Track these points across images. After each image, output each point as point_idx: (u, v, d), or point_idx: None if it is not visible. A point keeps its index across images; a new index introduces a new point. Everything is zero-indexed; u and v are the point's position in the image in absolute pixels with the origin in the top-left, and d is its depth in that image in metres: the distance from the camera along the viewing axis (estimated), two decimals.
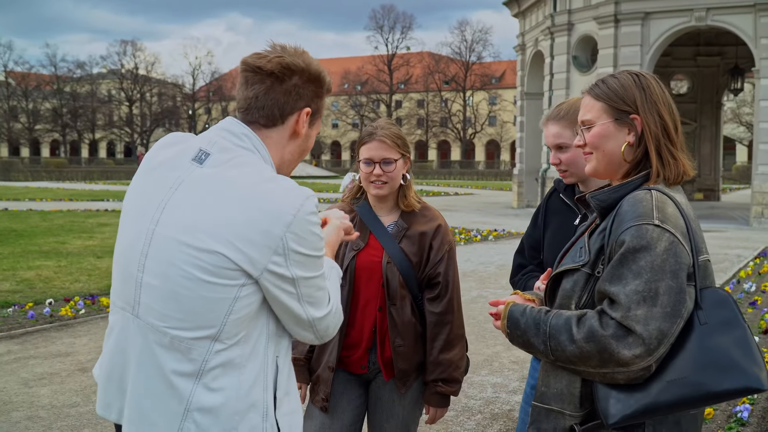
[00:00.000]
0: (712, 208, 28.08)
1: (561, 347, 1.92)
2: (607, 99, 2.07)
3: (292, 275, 1.82)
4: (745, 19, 21.37)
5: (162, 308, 1.81)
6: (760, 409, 5.44)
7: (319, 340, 1.98)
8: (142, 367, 1.85)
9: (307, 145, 2.06)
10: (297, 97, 1.95)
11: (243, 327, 1.81)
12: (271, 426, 1.86)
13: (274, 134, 1.96)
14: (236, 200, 1.79)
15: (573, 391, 1.96)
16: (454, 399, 5.64)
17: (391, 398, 3.03)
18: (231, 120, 1.95)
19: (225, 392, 1.80)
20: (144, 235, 1.85)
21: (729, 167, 66.23)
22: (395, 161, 2.96)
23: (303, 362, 3.06)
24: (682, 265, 1.87)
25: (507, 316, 2.08)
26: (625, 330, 1.83)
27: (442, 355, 2.99)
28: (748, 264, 13.11)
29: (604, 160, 2.09)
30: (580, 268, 2.00)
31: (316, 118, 2.04)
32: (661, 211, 1.90)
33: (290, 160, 2.03)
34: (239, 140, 1.91)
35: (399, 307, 2.96)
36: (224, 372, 1.80)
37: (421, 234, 3.00)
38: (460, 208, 27.42)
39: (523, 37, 30.09)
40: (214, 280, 1.77)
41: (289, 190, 1.84)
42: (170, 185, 1.87)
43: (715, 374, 1.83)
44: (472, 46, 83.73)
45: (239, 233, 1.76)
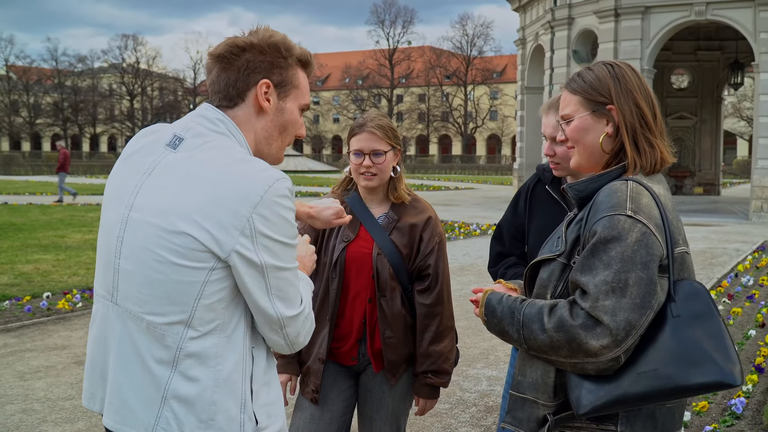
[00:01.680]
0: (712, 202, 28.07)
1: (533, 336, 1.92)
2: (582, 92, 2.08)
3: (260, 261, 1.77)
4: (745, 14, 21.33)
5: (137, 293, 1.81)
6: (755, 402, 5.44)
7: (289, 348, 1.92)
8: (122, 354, 1.85)
9: (284, 119, 1.98)
10: (249, 72, 1.91)
11: (217, 315, 1.79)
12: (249, 417, 1.84)
13: (239, 113, 1.93)
14: (205, 181, 1.78)
15: (547, 381, 1.96)
16: (449, 391, 5.69)
17: (381, 390, 3.03)
18: (206, 105, 1.95)
19: (201, 382, 1.78)
20: (120, 220, 1.86)
21: (729, 162, 66.21)
22: (385, 153, 2.95)
23: (293, 354, 3.05)
24: (653, 257, 1.86)
25: (484, 304, 2.09)
26: (594, 320, 1.83)
27: (432, 346, 2.98)
28: (746, 258, 13.10)
29: (585, 153, 2.09)
30: (556, 257, 2.01)
31: (288, 89, 1.97)
32: (634, 202, 1.89)
33: (266, 137, 1.97)
34: (213, 125, 1.90)
35: (389, 299, 2.95)
36: (200, 362, 1.79)
37: (412, 226, 3.00)
38: (460, 203, 27.41)
39: (524, 31, 30.04)
40: (184, 263, 1.75)
41: (259, 171, 1.81)
42: (144, 170, 1.87)
43: (686, 367, 1.82)
44: (473, 41, 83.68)
45: (206, 213, 1.75)
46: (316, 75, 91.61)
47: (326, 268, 2.99)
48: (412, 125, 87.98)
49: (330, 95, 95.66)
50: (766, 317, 8.12)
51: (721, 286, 10.17)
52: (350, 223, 2.99)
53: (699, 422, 5.03)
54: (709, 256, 13.57)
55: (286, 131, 2.01)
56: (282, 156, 2.05)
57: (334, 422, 3.01)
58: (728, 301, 9.13)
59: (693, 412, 5.18)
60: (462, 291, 9.73)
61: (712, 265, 12.46)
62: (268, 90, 1.93)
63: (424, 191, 35.42)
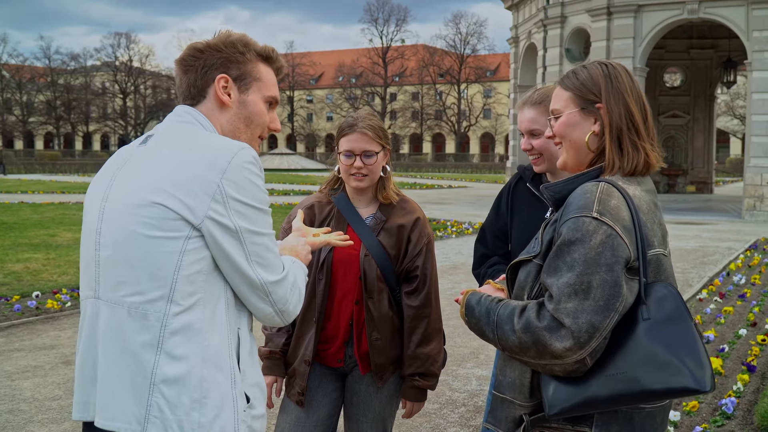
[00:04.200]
0: (705, 200, 28.13)
1: (505, 337, 1.92)
2: (574, 89, 2.08)
3: (235, 226, 1.79)
4: (738, 12, 21.37)
5: (117, 277, 1.82)
6: (746, 402, 5.43)
7: (280, 317, 1.93)
8: (108, 347, 1.83)
9: (248, 111, 2.03)
10: (206, 70, 1.98)
11: (198, 288, 1.79)
12: (240, 394, 1.84)
13: (203, 109, 1.99)
14: (173, 157, 1.83)
15: (524, 381, 1.97)
16: (438, 391, 5.67)
17: (368, 392, 3.00)
18: (178, 106, 2.03)
19: (189, 359, 1.77)
20: (97, 214, 1.90)
21: (722, 160, 66.36)
22: (376, 153, 2.92)
23: (279, 355, 3.02)
24: (618, 259, 1.83)
25: (464, 304, 2.10)
26: (558, 323, 1.82)
27: (419, 349, 2.96)
28: (738, 257, 13.11)
29: (571, 150, 2.09)
30: (533, 259, 2.00)
31: (248, 82, 2.02)
32: (602, 203, 1.87)
33: (233, 131, 2.01)
34: (180, 117, 1.98)
35: (376, 301, 2.92)
36: (187, 338, 1.78)
37: (400, 227, 2.97)
38: (453, 201, 27.41)
39: (517, 29, 30.04)
40: (158, 234, 1.77)
41: (225, 141, 1.87)
42: (117, 166, 1.94)
43: (655, 372, 1.79)
44: (466, 39, 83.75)
45: (176, 182, 1.78)
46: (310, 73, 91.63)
47: (313, 269, 2.95)
48: (405, 123, 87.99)
49: (323, 93, 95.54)
50: (757, 316, 8.12)
51: (713, 285, 10.18)
52: (338, 224, 2.96)
53: (689, 422, 5.02)
54: (701, 254, 13.59)
55: (252, 123, 2.05)
56: (256, 149, 2.06)
57: (320, 425, 2.98)
58: (720, 299, 9.13)
59: (683, 411, 5.17)
60: (453, 290, 9.71)
61: (704, 263, 12.47)
62: (227, 84, 1.99)
63: (417, 189, 35.43)
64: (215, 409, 1.78)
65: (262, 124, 2.07)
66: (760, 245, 14.90)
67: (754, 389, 5.71)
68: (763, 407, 5.08)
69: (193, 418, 1.76)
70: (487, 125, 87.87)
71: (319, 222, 3.00)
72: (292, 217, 3.05)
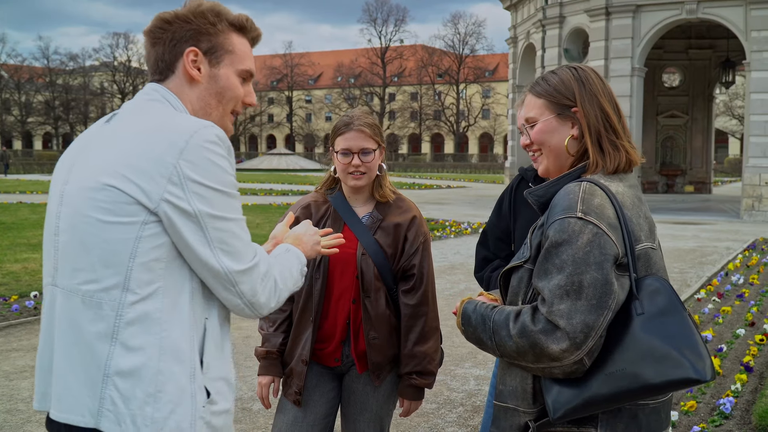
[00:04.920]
0: (704, 200, 28.12)
1: (503, 342, 1.92)
2: (547, 95, 2.08)
3: (193, 210, 1.69)
4: (736, 12, 21.37)
5: (73, 264, 1.75)
6: (744, 401, 5.42)
7: (250, 309, 1.82)
8: (63, 337, 1.77)
9: (219, 86, 1.92)
10: (174, 42, 1.88)
11: (156, 276, 1.71)
12: (199, 388, 1.75)
13: (171, 85, 1.89)
14: (130, 138, 1.75)
15: (526, 388, 1.95)
16: (436, 391, 5.66)
17: (365, 391, 3.00)
18: (147, 84, 1.94)
19: (145, 351, 1.69)
20: (58, 198, 1.83)
21: (721, 160, 66.39)
22: (373, 151, 2.92)
23: (276, 355, 3.02)
24: (607, 256, 1.84)
25: (461, 313, 2.09)
26: (552, 325, 1.82)
27: (416, 347, 2.95)
28: (736, 257, 13.11)
29: (551, 156, 2.09)
30: (523, 264, 2.00)
31: (220, 55, 1.91)
32: (585, 203, 1.88)
33: (204, 107, 1.91)
34: (147, 95, 1.88)
35: (373, 300, 2.92)
36: (143, 328, 1.69)
37: (396, 225, 2.97)
38: (451, 201, 27.40)
39: (515, 29, 30.03)
40: (112, 219, 1.69)
41: (185, 120, 1.77)
42: (80, 148, 1.86)
43: (653, 365, 1.80)
44: (465, 39, 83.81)
45: (130, 164, 1.69)
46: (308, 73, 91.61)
47: (310, 268, 2.94)
48: (404, 124, 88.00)
49: (322, 94, 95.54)
50: (756, 316, 8.12)
51: (711, 285, 10.18)
52: (334, 223, 2.96)
53: (687, 422, 5.02)
54: (700, 254, 13.59)
55: (224, 98, 1.94)
56: (228, 125, 1.98)
57: (317, 424, 2.98)
58: (718, 299, 9.12)
59: (681, 411, 5.17)
60: (452, 290, 9.71)
61: (702, 263, 12.47)
62: (197, 58, 1.88)
63: (415, 190, 35.43)
64: (170, 404, 1.70)
65: (235, 98, 1.95)
66: (758, 245, 14.89)
67: (752, 389, 5.71)
68: (761, 407, 5.08)
69: (147, 412, 1.68)
70: (485, 125, 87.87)
71: (315, 221, 3.00)
72: None
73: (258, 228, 15.98)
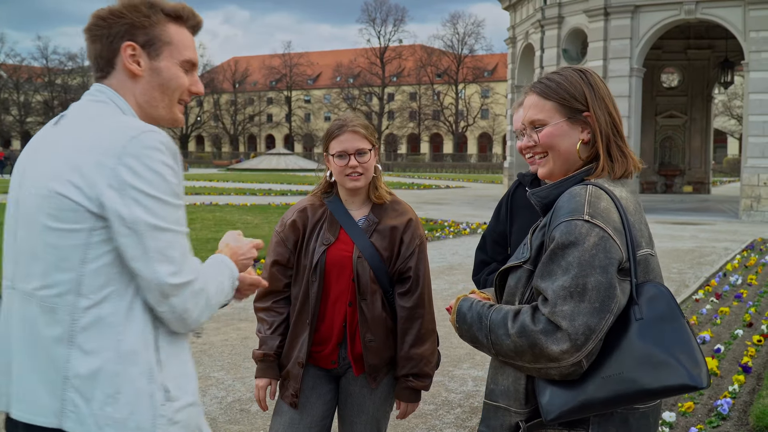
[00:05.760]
0: (702, 201, 28.13)
1: (499, 341, 1.92)
2: (557, 97, 2.05)
3: (131, 216, 1.67)
4: (734, 12, 21.37)
5: (28, 269, 1.77)
6: (742, 402, 5.43)
7: (178, 324, 1.78)
8: (21, 340, 1.79)
9: (162, 78, 1.90)
10: (111, 39, 1.86)
11: (110, 280, 1.72)
12: (158, 388, 1.75)
13: (113, 82, 1.88)
14: (73, 142, 1.75)
15: (518, 388, 1.96)
16: (434, 392, 5.66)
17: (362, 393, 3.01)
18: (93, 84, 1.94)
19: (102, 354, 1.71)
20: (14, 202, 1.86)
21: (720, 160, 66.44)
22: (369, 151, 2.93)
23: (273, 358, 3.02)
24: (612, 260, 1.85)
25: (456, 311, 2.09)
26: (554, 326, 1.83)
27: (413, 349, 2.96)
28: (735, 257, 13.11)
29: (559, 160, 2.07)
30: (522, 264, 2.00)
31: (158, 47, 1.88)
32: (592, 206, 1.88)
33: (148, 102, 1.90)
34: (93, 96, 1.88)
35: (369, 302, 2.93)
36: (99, 332, 1.71)
37: (392, 228, 2.98)
38: (450, 201, 27.39)
39: (514, 29, 30.04)
40: (61, 226, 1.70)
41: (125, 124, 1.76)
42: (31, 151, 1.88)
43: (650, 371, 1.81)
44: (464, 39, 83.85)
45: (74, 169, 1.70)
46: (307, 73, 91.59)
47: (306, 271, 2.96)
48: (403, 124, 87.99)
49: (321, 94, 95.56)
50: (753, 317, 8.12)
51: (710, 285, 10.18)
52: (330, 227, 2.97)
53: (684, 423, 5.02)
54: (698, 255, 13.59)
55: (168, 90, 1.92)
56: (176, 115, 1.97)
57: (314, 426, 2.98)
58: (716, 300, 9.13)
59: (678, 412, 5.17)
60: (450, 290, 9.72)
61: (701, 264, 12.48)
62: (135, 52, 1.87)
63: (414, 190, 35.42)
64: (129, 405, 1.72)
65: (180, 87, 1.93)
66: (756, 245, 14.90)
67: (749, 390, 5.71)
68: (759, 408, 5.08)
69: (107, 413, 1.71)
70: (484, 125, 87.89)
71: (312, 224, 3.01)
72: (285, 220, 3.06)
73: (257, 228, 15.98)
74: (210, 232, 14.91)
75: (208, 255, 1.97)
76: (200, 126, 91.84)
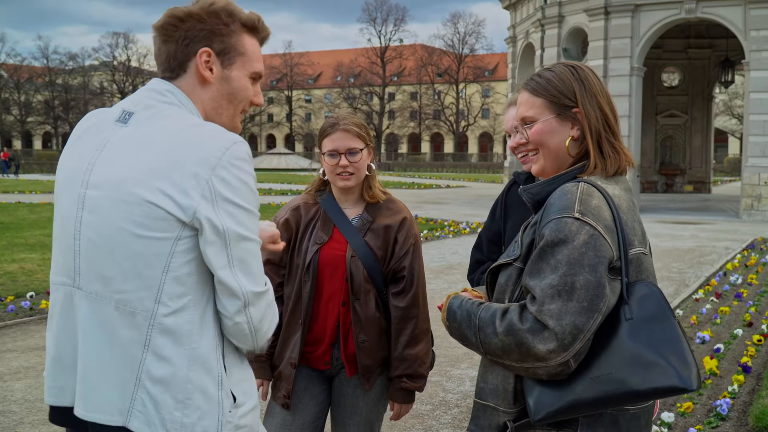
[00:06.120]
0: (703, 200, 28.12)
1: (487, 339, 1.90)
2: (547, 94, 2.03)
3: (222, 227, 1.69)
4: (735, 12, 21.35)
5: (102, 271, 1.75)
6: (741, 403, 5.40)
7: (252, 338, 1.82)
8: (90, 338, 1.77)
9: (231, 88, 1.90)
10: (188, 42, 1.85)
11: (188, 290, 1.73)
12: (226, 394, 1.78)
13: (183, 84, 1.87)
14: (160, 148, 1.72)
15: (507, 387, 1.93)
16: (431, 392, 5.64)
17: (355, 394, 2.97)
18: (155, 80, 1.90)
19: (175, 362, 1.72)
20: (76, 201, 1.80)
21: (721, 159, 66.37)
22: (361, 151, 2.90)
23: (265, 358, 2.99)
24: (602, 259, 1.82)
25: (446, 308, 2.07)
26: (541, 324, 1.80)
27: (407, 350, 2.93)
28: (735, 256, 13.09)
29: (550, 157, 2.05)
30: (513, 262, 1.98)
31: (232, 57, 1.88)
32: (583, 204, 1.86)
33: (215, 108, 1.90)
34: (163, 96, 1.84)
35: (363, 302, 2.90)
36: (174, 340, 1.72)
37: (386, 227, 2.95)
38: (450, 201, 27.39)
39: (514, 29, 30.01)
40: (147, 234, 1.69)
41: (216, 133, 1.76)
42: (96, 147, 1.81)
43: (639, 371, 1.78)
44: (465, 39, 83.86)
45: (165, 179, 1.68)
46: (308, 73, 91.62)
47: (299, 270, 2.93)
48: (403, 123, 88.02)
49: (322, 93, 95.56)
50: (753, 316, 8.10)
51: (710, 285, 10.15)
52: (324, 225, 2.94)
53: (683, 423, 4.99)
54: (698, 254, 13.56)
55: (235, 99, 1.93)
56: (237, 124, 1.97)
57: (306, 428, 2.95)
58: (716, 299, 9.10)
59: (677, 413, 5.14)
60: (450, 290, 9.67)
61: (701, 263, 12.45)
62: (210, 59, 1.86)
63: (414, 189, 35.41)
64: (199, 410, 1.74)
65: (245, 99, 1.94)
66: (757, 245, 14.87)
67: (749, 390, 5.68)
68: (759, 408, 5.05)
69: (176, 417, 1.72)
70: (485, 125, 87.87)
71: (305, 223, 2.98)
72: (277, 218, 3.03)
73: None
74: None
75: None
76: None
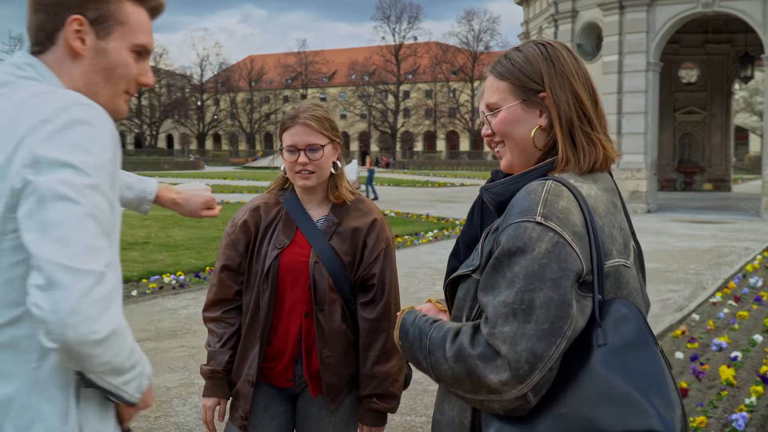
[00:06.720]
0: (722, 198, 27.70)
1: (438, 365, 1.58)
2: (511, 77, 1.73)
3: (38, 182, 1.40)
4: (754, 5, 20.90)
5: None
6: (759, 417, 5.04)
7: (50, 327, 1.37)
8: None
9: (108, 62, 1.65)
10: (57, 9, 1.61)
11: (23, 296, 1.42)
12: (72, 429, 1.52)
13: (49, 58, 1.63)
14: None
15: (464, 421, 1.65)
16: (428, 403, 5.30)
17: (320, 416, 2.67)
18: (19, 53, 1.67)
19: (14, 382, 1.50)
20: None
21: (741, 157, 65.66)
22: (322, 147, 2.60)
23: (222, 375, 2.69)
24: (567, 272, 1.48)
25: (399, 325, 1.75)
26: (493, 350, 1.47)
27: (376, 367, 2.62)
28: (755, 257, 12.65)
29: (516, 150, 1.75)
30: (471, 273, 1.67)
31: (110, 26, 1.64)
32: (548, 205, 1.53)
33: (87, 86, 1.64)
34: (20, 71, 1.62)
35: (327, 313, 2.60)
36: (12, 356, 1.49)
37: (354, 230, 2.64)
38: (464, 199, 27.07)
39: (527, 24, 29.69)
40: None
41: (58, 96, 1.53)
42: None
43: (610, 410, 1.43)
44: (479, 36, 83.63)
45: None
46: (323, 71, 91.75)
47: (257, 278, 2.64)
48: (419, 121, 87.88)
49: (336, 91, 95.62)
50: None
51: (728, 288, 9.75)
52: (285, 228, 2.65)
53: None
54: (717, 255, 13.17)
55: (113, 76, 1.67)
56: (120, 107, 1.72)
57: None
58: (734, 303, 8.73)
59: (690, 427, 4.78)
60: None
61: (719, 264, 12.05)
62: (82, 28, 1.62)
63: (428, 188, 35.22)
64: None
65: (127, 76, 1.69)
66: None
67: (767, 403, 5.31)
68: None
69: None
70: None
71: (265, 225, 2.69)
72: (237, 219, 2.74)
73: None
74: (216, 231, 14.66)
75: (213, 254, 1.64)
76: (217, 124, 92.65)
